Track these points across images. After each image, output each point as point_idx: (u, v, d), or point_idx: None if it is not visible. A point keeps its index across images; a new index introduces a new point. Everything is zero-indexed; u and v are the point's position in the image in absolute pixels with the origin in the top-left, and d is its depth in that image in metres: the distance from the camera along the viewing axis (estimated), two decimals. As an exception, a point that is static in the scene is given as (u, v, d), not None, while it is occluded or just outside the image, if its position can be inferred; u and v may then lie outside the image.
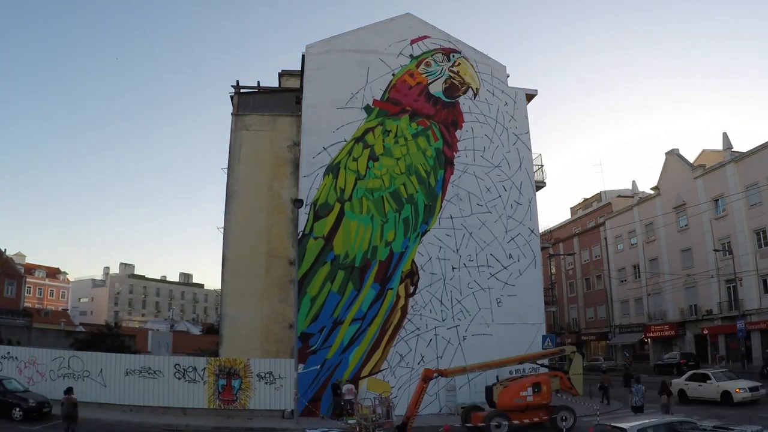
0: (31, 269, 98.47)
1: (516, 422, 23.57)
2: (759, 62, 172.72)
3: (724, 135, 55.71)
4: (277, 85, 40.64)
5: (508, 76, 36.56)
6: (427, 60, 34.80)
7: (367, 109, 33.41)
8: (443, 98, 34.54)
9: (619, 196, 75.29)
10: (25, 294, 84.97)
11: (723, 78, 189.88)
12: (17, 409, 25.08)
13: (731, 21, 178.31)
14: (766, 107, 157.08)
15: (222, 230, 35.80)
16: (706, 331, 56.80)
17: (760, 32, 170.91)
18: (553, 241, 79.52)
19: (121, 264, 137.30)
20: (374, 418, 23.27)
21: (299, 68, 35.37)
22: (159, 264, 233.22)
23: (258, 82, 39.00)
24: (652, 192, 66.48)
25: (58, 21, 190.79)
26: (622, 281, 70.87)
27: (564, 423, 23.93)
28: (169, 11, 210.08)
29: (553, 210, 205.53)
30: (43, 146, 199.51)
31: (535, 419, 23.91)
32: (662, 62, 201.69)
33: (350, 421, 25.26)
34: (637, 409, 24.99)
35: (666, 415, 21.47)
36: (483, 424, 23.30)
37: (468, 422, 24.58)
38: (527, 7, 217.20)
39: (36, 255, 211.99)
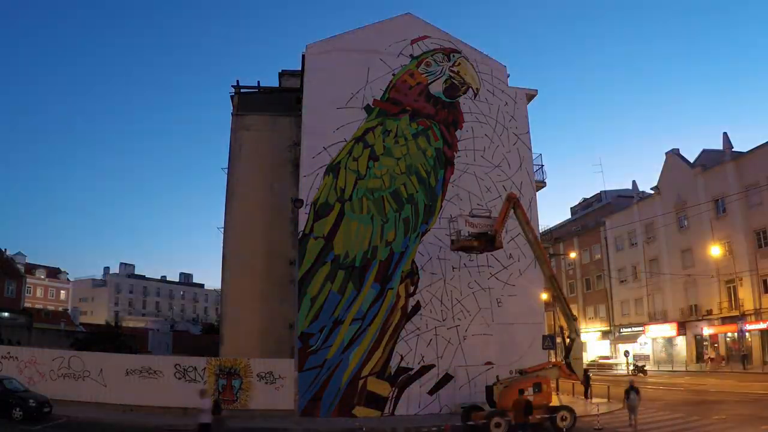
0: (31, 269, 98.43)
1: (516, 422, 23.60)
2: (759, 61, 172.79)
3: (725, 135, 55.83)
4: (277, 85, 40.64)
5: (508, 76, 36.56)
6: (427, 60, 34.79)
7: (368, 109, 33.39)
8: (443, 98, 34.53)
9: (620, 196, 75.45)
10: (26, 294, 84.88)
11: (723, 77, 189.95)
12: (17, 409, 24.96)
13: (730, 20, 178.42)
14: (767, 107, 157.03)
15: (222, 230, 35.83)
16: (706, 331, 56.88)
17: (761, 31, 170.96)
18: (554, 240, 79.59)
19: (122, 264, 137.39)
20: None
21: (299, 68, 35.38)
22: (159, 264, 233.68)
23: (258, 82, 39.01)
24: (652, 192, 66.60)
25: (57, 21, 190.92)
26: (622, 281, 70.97)
27: (564, 423, 24.00)
28: (168, 12, 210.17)
29: (553, 210, 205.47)
30: (42, 146, 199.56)
31: (537, 417, 23.97)
32: (662, 61, 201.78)
33: None
34: None
35: None
36: (483, 421, 23.41)
37: (468, 421, 24.70)
38: (527, 7, 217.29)
39: (36, 255, 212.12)
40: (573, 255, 78.44)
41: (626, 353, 54.90)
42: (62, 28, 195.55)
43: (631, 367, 54.56)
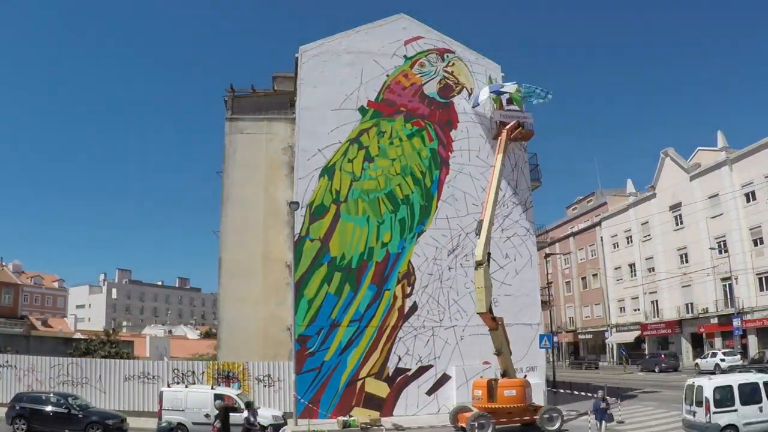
0: (28, 277, 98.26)
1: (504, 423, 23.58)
2: (752, 59, 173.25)
3: (720, 134, 56.06)
4: (270, 88, 40.66)
5: (503, 76, 36.56)
6: (421, 60, 34.85)
7: (362, 110, 33.45)
8: (438, 98, 34.59)
9: (615, 195, 75.61)
10: (23, 302, 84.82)
11: (718, 76, 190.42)
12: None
13: (727, 19, 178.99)
14: (762, 106, 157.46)
15: (218, 234, 35.83)
16: (702, 330, 56.97)
17: (757, 30, 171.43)
18: (550, 240, 79.70)
19: (118, 269, 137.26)
20: None
21: (292, 71, 35.43)
22: (156, 268, 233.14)
23: (252, 85, 39.02)
24: (647, 191, 66.76)
25: (48, 23, 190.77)
26: (618, 280, 71.08)
27: (551, 423, 24.01)
28: (158, 16, 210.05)
29: (549, 209, 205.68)
30: (36, 152, 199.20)
31: (526, 418, 23.98)
32: (657, 59, 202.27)
33: None
34: None
35: None
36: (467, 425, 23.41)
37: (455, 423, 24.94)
38: (522, 6, 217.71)
39: (33, 262, 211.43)
40: (569, 253, 78.73)
41: (622, 352, 54.80)
42: (51, 31, 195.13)
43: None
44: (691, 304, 58.36)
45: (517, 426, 24.04)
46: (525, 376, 27.20)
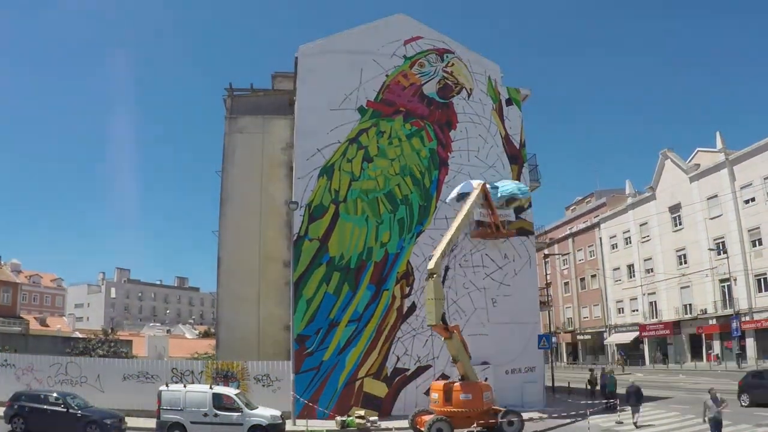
0: (26, 276, 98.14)
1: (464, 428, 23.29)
2: (753, 60, 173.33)
3: (719, 135, 56.15)
4: (270, 88, 40.65)
5: (502, 76, 36.62)
6: (420, 60, 34.83)
7: (361, 110, 33.42)
8: (437, 99, 34.58)
9: (614, 196, 75.76)
10: (21, 301, 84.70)
11: (717, 76, 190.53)
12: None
13: (727, 19, 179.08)
14: (761, 107, 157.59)
15: (217, 234, 35.79)
16: (700, 331, 57.05)
17: (757, 30, 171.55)
18: (549, 241, 79.81)
19: (117, 269, 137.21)
20: None
21: (292, 70, 35.41)
22: (154, 268, 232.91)
23: (251, 84, 39.00)
24: (646, 192, 66.84)
25: (46, 20, 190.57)
26: (617, 281, 71.18)
27: (510, 427, 23.81)
28: (159, 14, 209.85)
29: (548, 210, 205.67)
30: (34, 151, 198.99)
31: (482, 422, 23.67)
32: (657, 61, 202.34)
33: None
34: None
35: None
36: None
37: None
38: (522, 6, 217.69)
39: (31, 261, 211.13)
40: (568, 254, 78.86)
41: (621, 354, 54.74)
42: (48, 31, 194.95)
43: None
44: (690, 305, 58.48)
45: (478, 430, 23.72)
46: (486, 379, 26.94)
